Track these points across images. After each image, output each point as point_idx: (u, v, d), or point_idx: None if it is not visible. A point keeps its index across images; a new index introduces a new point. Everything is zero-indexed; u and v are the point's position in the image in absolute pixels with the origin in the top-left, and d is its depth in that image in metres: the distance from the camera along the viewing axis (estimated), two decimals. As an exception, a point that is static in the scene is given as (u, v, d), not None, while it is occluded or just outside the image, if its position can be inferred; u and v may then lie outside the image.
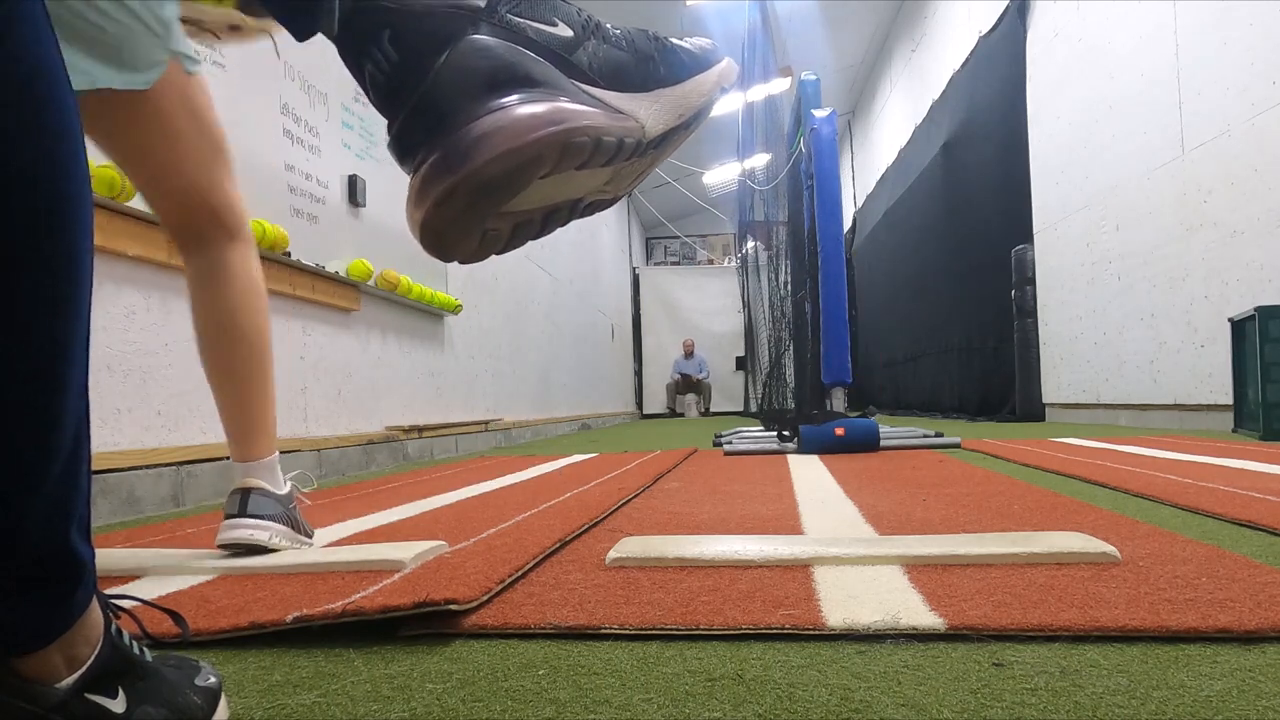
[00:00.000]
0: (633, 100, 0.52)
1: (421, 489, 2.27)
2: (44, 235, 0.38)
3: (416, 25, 0.45)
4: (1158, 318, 4.53)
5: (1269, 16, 3.59)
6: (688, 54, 0.55)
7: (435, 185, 0.46)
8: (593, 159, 0.49)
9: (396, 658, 0.75)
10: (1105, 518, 1.34)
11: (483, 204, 0.47)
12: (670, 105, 0.53)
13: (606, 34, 0.53)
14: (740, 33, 8.29)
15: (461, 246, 0.49)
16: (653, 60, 0.54)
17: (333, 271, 3.12)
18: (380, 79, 0.47)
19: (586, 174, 0.50)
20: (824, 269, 3.58)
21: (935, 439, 3.52)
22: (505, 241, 0.51)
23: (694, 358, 13.66)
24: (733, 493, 1.91)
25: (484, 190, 0.46)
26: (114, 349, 2.05)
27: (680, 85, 0.54)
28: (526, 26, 0.49)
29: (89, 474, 0.44)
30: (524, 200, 0.49)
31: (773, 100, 6.86)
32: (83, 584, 0.44)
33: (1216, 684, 0.61)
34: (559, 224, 0.53)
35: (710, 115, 0.57)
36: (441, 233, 0.48)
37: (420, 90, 0.46)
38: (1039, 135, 5.95)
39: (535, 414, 6.49)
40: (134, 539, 1.49)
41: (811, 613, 0.80)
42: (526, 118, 0.46)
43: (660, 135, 0.53)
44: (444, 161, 0.45)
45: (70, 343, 0.40)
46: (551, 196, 0.51)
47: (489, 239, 0.50)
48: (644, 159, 0.53)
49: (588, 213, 0.55)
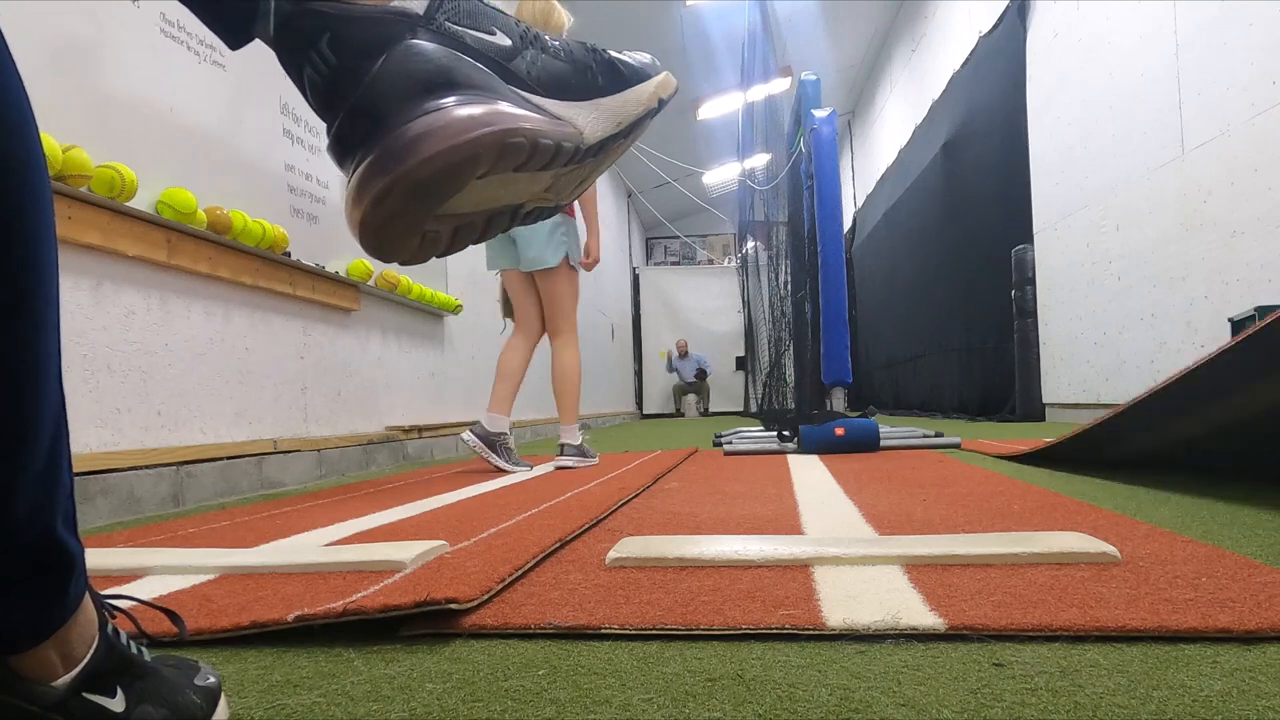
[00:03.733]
0: (571, 108, 0.53)
1: (421, 489, 2.27)
2: (2, 225, 0.38)
3: (355, 29, 0.46)
4: (1158, 318, 4.53)
5: (1269, 16, 3.59)
6: (626, 66, 0.56)
7: (372, 184, 0.46)
8: (530, 161, 0.49)
9: (396, 658, 0.75)
10: (1105, 518, 1.34)
11: (420, 203, 0.47)
12: (608, 114, 0.54)
13: (545, 45, 0.54)
14: (740, 33, 8.29)
15: (401, 247, 0.49)
16: (590, 70, 0.55)
17: (333, 271, 3.12)
18: (318, 82, 0.47)
19: (526, 178, 0.51)
20: (824, 269, 3.58)
21: (935, 439, 3.52)
22: (447, 244, 0.51)
23: (689, 357, 13.62)
24: (733, 493, 1.90)
25: (421, 189, 0.46)
26: (114, 349, 2.05)
27: (618, 95, 0.55)
28: (465, 34, 0.50)
29: (70, 468, 0.44)
30: (464, 202, 0.49)
31: (773, 100, 6.86)
32: (74, 579, 0.44)
33: (1216, 684, 0.61)
34: (500, 229, 0.53)
35: (649, 126, 0.58)
36: (380, 232, 0.48)
37: (358, 92, 0.46)
38: (1039, 135, 5.95)
39: (535, 414, 6.48)
40: (134, 539, 1.49)
41: (811, 613, 0.80)
42: (464, 118, 0.46)
43: (599, 142, 0.54)
44: (381, 161, 0.46)
45: (40, 334, 0.40)
46: (492, 200, 0.51)
47: (429, 240, 0.50)
48: (583, 166, 0.54)
49: (529, 220, 0.56)
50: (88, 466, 1.89)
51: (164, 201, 2.15)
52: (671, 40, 9.20)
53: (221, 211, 2.36)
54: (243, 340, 2.61)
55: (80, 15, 1.96)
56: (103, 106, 2.02)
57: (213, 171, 2.39)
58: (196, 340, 2.38)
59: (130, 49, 2.12)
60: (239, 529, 1.56)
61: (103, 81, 2.02)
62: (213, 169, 2.40)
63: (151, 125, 2.18)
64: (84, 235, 1.93)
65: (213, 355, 2.45)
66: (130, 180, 1.98)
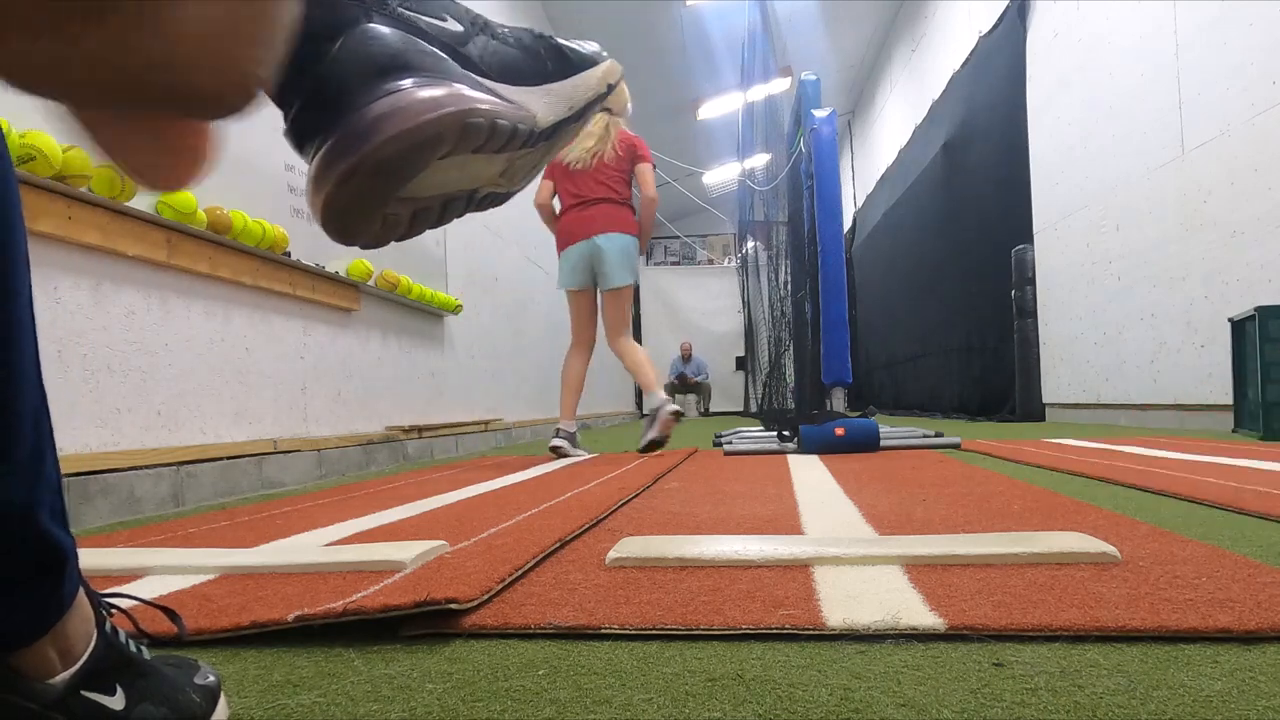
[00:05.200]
0: (523, 93, 0.54)
1: (421, 489, 2.27)
2: None
3: (311, 13, 0.45)
4: (1158, 318, 4.53)
5: (1269, 16, 3.59)
6: (574, 53, 0.58)
7: (335, 167, 0.46)
8: (489, 143, 0.50)
9: (396, 658, 0.75)
10: (1105, 517, 1.34)
11: (383, 184, 0.47)
12: (559, 98, 0.56)
13: (495, 31, 0.55)
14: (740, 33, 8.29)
15: (363, 229, 0.50)
16: (540, 57, 0.56)
17: (333, 271, 3.12)
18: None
19: (483, 160, 0.51)
20: (824, 269, 3.58)
21: (935, 439, 3.52)
22: (406, 227, 0.52)
23: (692, 360, 13.67)
24: (733, 493, 1.90)
25: (385, 168, 0.46)
26: (114, 349, 2.05)
27: (567, 81, 0.57)
28: (419, 19, 0.51)
29: (56, 462, 0.44)
30: (423, 185, 0.50)
31: (773, 100, 6.86)
32: (67, 573, 0.44)
33: (1216, 684, 0.61)
34: (456, 214, 0.54)
35: (597, 110, 0.60)
36: (344, 214, 0.48)
37: (315, 77, 0.46)
38: (1039, 135, 5.95)
39: (535, 414, 6.48)
40: (134, 539, 1.49)
41: (811, 613, 0.80)
42: (425, 99, 0.47)
43: (551, 125, 0.55)
44: (344, 142, 0.46)
45: (13, 329, 0.41)
46: (448, 184, 0.52)
47: (390, 223, 0.51)
48: (535, 150, 0.55)
49: (484, 206, 0.57)
50: (88, 466, 1.89)
51: (164, 201, 2.15)
52: (671, 40, 9.21)
53: (221, 211, 2.36)
54: (243, 340, 2.61)
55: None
56: (103, 106, 2.01)
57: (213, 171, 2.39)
58: (196, 340, 2.38)
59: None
60: (239, 529, 1.56)
61: (103, 81, 2.02)
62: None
63: (151, 125, 2.18)
64: (84, 235, 1.93)
65: (213, 355, 2.45)
66: (130, 180, 1.98)
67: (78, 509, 1.85)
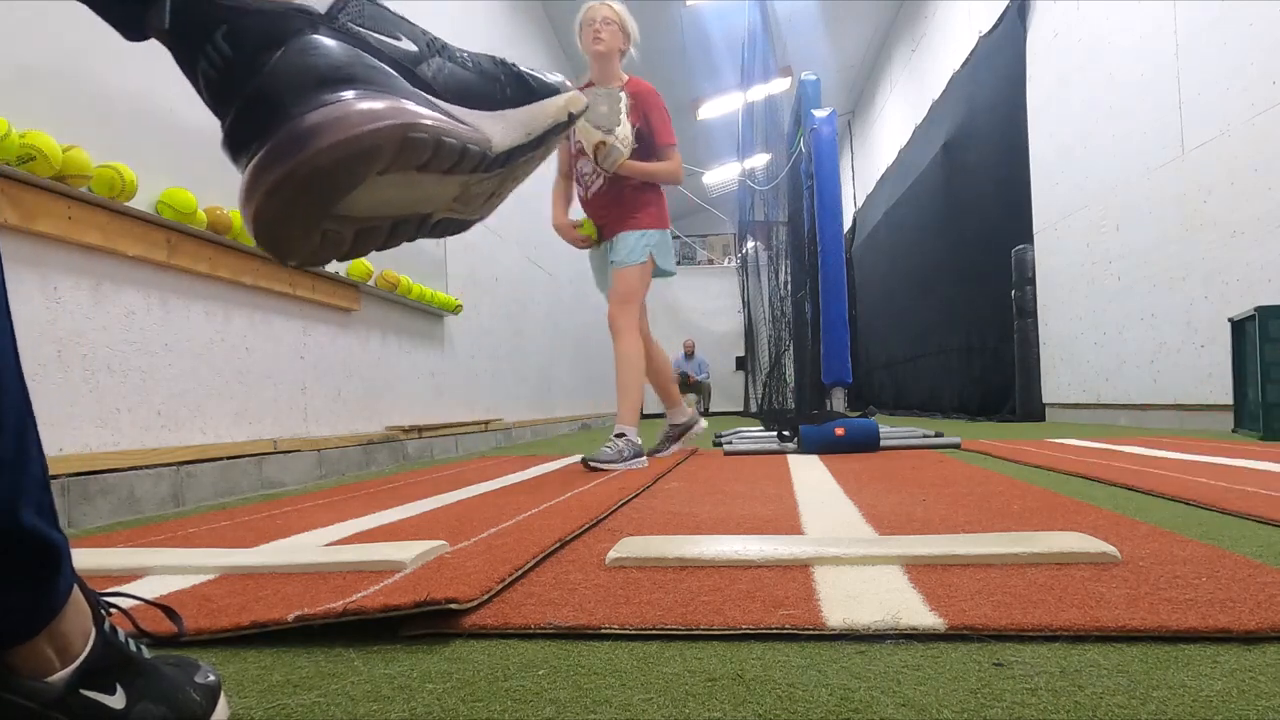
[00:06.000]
0: (478, 116, 0.53)
1: (421, 489, 2.27)
2: None
3: (252, 22, 0.45)
4: (1158, 318, 4.52)
5: (1269, 17, 3.59)
6: (536, 81, 0.57)
7: (266, 175, 0.45)
8: (435, 161, 0.48)
9: (396, 658, 0.75)
10: (1105, 518, 1.34)
11: (317, 197, 0.46)
12: (516, 124, 0.54)
13: (453, 54, 0.54)
14: (740, 33, 8.29)
15: (299, 246, 0.48)
16: (499, 82, 0.55)
17: (333, 271, 3.12)
18: (214, 76, 0.46)
19: (433, 181, 0.50)
20: (824, 269, 3.58)
21: (935, 439, 3.52)
22: (349, 246, 0.50)
23: (695, 358, 13.68)
24: (733, 493, 1.90)
25: (317, 180, 0.45)
26: (114, 349, 2.05)
27: (526, 107, 0.55)
28: (368, 35, 0.49)
29: (42, 459, 0.43)
30: (365, 202, 0.48)
31: (773, 100, 6.86)
32: (59, 570, 0.44)
33: (1216, 684, 0.61)
34: (406, 237, 0.53)
35: (558, 140, 0.58)
36: (275, 227, 0.46)
37: (253, 84, 0.45)
38: (1039, 135, 5.95)
39: (535, 414, 6.48)
40: (134, 539, 1.49)
41: (811, 613, 0.80)
42: (364, 110, 0.45)
43: (507, 151, 0.53)
44: (275, 151, 0.44)
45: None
46: (394, 204, 0.50)
47: (329, 240, 0.49)
48: (492, 176, 0.53)
49: (439, 232, 0.55)
50: (88, 466, 1.89)
51: (164, 201, 2.15)
52: (671, 40, 9.20)
53: (221, 211, 2.36)
54: (243, 340, 2.61)
55: (80, 15, 1.95)
56: (103, 106, 2.02)
57: (213, 171, 2.39)
58: (196, 340, 2.38)
59: (130, 49, 2.12)
60: (239, 529, 1.56)
61: (103, 81, 2.02)
62: (213, 169, 2.40)
63: (151, 125, 2.18)
64: (84, 235, 1.93)
65: (213, 355, 2.45)
66: (130, 180, 1.98)
67: (77, 509, 1.85)
